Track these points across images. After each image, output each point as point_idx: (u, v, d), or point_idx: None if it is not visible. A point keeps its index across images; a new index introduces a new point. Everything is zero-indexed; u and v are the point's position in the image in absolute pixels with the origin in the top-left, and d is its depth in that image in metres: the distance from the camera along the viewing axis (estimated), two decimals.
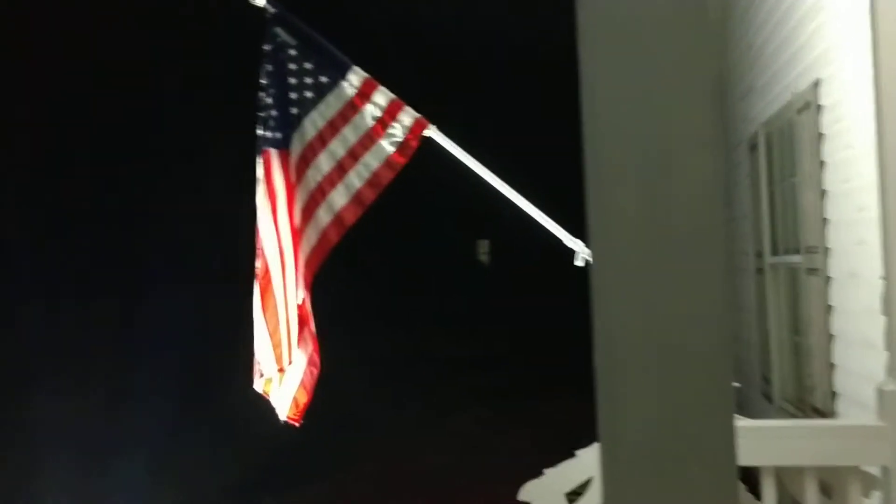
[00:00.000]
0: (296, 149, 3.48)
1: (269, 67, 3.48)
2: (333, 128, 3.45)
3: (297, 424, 3.53)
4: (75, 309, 12.83)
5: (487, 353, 14.98)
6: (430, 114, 3.51)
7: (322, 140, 3.46)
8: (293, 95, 3.48)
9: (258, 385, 3.52)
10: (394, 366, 13.45)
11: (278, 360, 3.43)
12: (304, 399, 3.53)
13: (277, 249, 3.46)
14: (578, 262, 3.32)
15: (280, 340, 3.43)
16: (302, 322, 3.50)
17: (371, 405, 10.30)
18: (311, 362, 3.56)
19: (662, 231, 1.05)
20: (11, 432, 8.65)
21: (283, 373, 3.49)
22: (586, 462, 3.17)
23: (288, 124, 3.48)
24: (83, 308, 12.92)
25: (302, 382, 3.52)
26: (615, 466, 1.03)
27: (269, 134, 3.47)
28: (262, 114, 3.49)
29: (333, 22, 4.94)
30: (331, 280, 3.70)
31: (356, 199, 3.42)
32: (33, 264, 13.00)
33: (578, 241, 3.35)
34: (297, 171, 3.48)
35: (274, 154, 3.48)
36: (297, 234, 3.47)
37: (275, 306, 3.44)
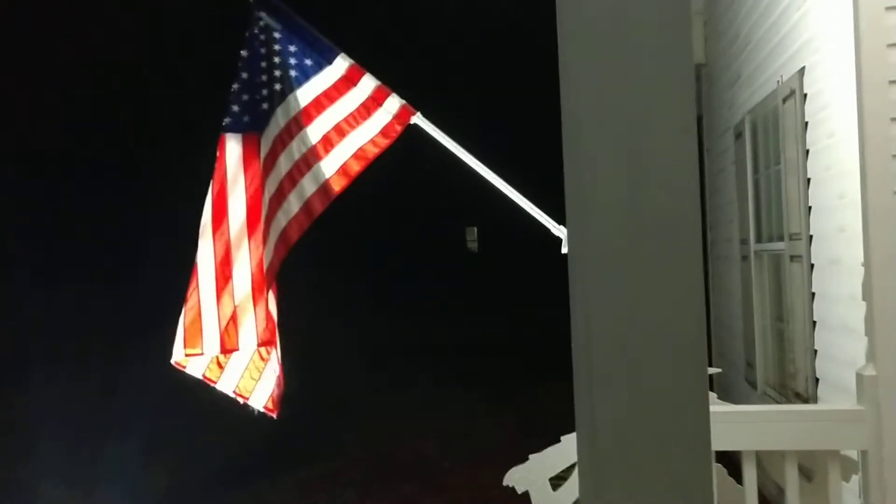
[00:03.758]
0: (272, 129, 3.47)
1: (245, 53, 3.48)
2: (318, 107, 3.47)
3: (273, 416, 3.54)
4: (69, 294, 12.80)
5: (475, 340, 15.03)
6: (417, 101, 3.51)
7: (308, 117, 3.47)
8: (277, 73, 3.48)
9: (196, 370, 3.49)
10: (382, 352, 13.48)
11: (188, 341, 3.41)
12: (278, 391, 3.53)
13: (211, 239, 3.44)
14: (565, 250, 3.33)
15: (200, 328, 3.42)
16: (266, 312, 3.45)
17: (361, 391, 10.34)
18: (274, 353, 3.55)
19: (639, 217, 1.06)
20: (4, 418, 8.64)
21: (264, 361, 3.50)
22: (571, 447, 3.20)
23: (259, 107, 3.47)
24: (77, 294, 12.88)
25: (278, 375, 3.53)
26: (591, 451, 1.05)
27: (230, 119, 3.45)
28: (230, 98, 3.47)
29: (322, 9, 4.92)
30: (322, 270, 3.71)
31: (341, 171, 3.43)
32: (29, 252, 12.96)
33: (564, 229, 3.37)
34: (271, 151, 3.46)
35: (233, 138, 3.45)
36: (255, 216, 3.43)
37: (198, 293, 3.43)
